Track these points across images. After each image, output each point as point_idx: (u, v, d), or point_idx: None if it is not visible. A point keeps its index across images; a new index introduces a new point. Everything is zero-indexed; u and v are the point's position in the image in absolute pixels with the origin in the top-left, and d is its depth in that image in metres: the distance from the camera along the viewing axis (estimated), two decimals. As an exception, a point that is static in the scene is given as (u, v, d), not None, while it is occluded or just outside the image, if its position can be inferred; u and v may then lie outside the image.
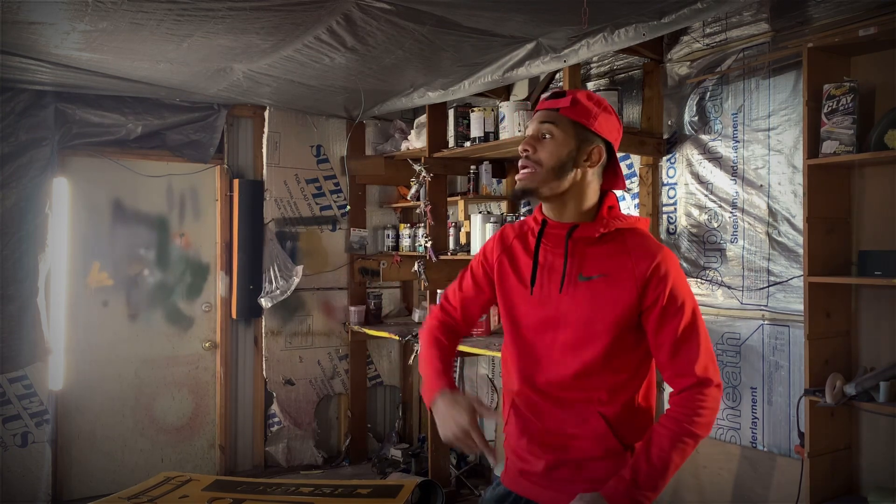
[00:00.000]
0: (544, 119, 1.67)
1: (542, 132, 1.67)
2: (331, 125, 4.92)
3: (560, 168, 1.64)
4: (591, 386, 1.66)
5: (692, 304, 1.67)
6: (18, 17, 2.79)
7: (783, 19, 2.98)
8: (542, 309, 1.71)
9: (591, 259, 1.67)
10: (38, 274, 3.97)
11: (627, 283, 1.62)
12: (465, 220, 4.32)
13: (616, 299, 1.63)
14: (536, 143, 1.67)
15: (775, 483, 2.98)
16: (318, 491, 3.36)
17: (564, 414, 1.69)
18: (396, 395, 5.28)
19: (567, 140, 1.65)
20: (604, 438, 1.66)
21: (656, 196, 3.51)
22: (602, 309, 1.63)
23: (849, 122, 2.54)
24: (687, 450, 1.60)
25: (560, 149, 1.65)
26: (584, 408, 1.67)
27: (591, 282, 1.65)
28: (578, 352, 1.66)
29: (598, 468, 1.66)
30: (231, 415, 4.66)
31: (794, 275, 2.95)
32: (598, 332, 1.64)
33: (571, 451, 1.69)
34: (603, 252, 1.67)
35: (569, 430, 1.69)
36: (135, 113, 4.27)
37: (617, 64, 3.71)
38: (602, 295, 1.64)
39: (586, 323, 1.65)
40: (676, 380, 1.64)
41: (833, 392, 2.53)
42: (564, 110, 1.65)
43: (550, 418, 1.71)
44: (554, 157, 1.64)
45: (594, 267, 1.66)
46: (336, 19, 2.89)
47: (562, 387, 1.68)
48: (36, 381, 4.09)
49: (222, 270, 4.62)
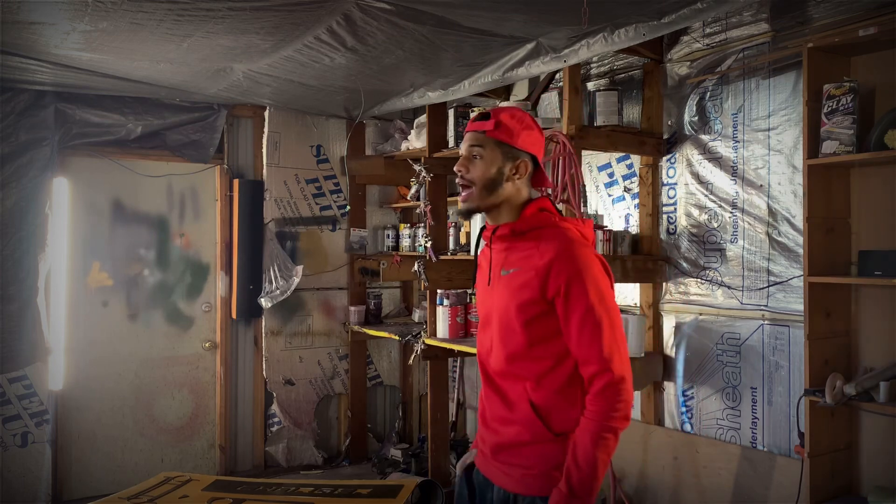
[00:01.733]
0: (473, 142, 1.84)
1: (473, 154, 1.84)
2: (331, 125, 4.92)
3: (491, 184, 1.82)
4: (519, 373, 1.81)
5: (598, 295, 1.73)
6: (18, 17, 2.79)
7: (783, 19, 2.98)
8: (484, 303, 1.93)
9: (511, 255, 1.84)
10: (38, 274, 3.97)
11: (530, 274, 1.76)
12: (464, 220, 4.32)
13: (521, 289, 1.77)
14: (468, 164, 1.84)
15: (775, 483, 2.98)
16: (318, 491, 3.37)
17: (501, 400, 1.85)
18: (396, 395, 5.28)
19: (495, 159, 1.82)
20: (532, 424, 1.78)
21: (656, 196, 3.51)
22: (513, 299, 1.79)
23: (849, 122, 2.54)
24: (609, 444, 1.69)
25: (489, 168, 1.82)
26: (515, 394, 1.82)
27: (508, 275, 1.82)
28: (504, 341, 1.82)
29: (528, 453, 1.79)
30: (231, 415, 4.66)
31: (794, 275, 2.95)
32: (512, 321, 1.79)
33: (506, 435, 1.83)
34: (522, 248, 1.83)
35: (505, 414, 1.84)
36: (135, 113, 4.27)
37: (617, 64, 3.71)
38: (512, 286, 1.80)
39: (504, 313, 1.81)
40: (583, 367, 1.74)
41: (833, 392, 2.53)
42: (490, 132, 1.82)
43: (493, 404, 1.88)
44: (485, 176, 1.82)
45: (512, 262, 1.83)
46: (336, 19, 2.89)
47: (500, 374, 1.86)
48: (36, 381, 4.09)
49: (222, 270, 4.62)
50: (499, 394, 1.86)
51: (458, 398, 4.86)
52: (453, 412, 4.72)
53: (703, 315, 3.33)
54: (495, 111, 1.85)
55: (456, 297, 4.06)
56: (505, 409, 1.84)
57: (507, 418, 1.83)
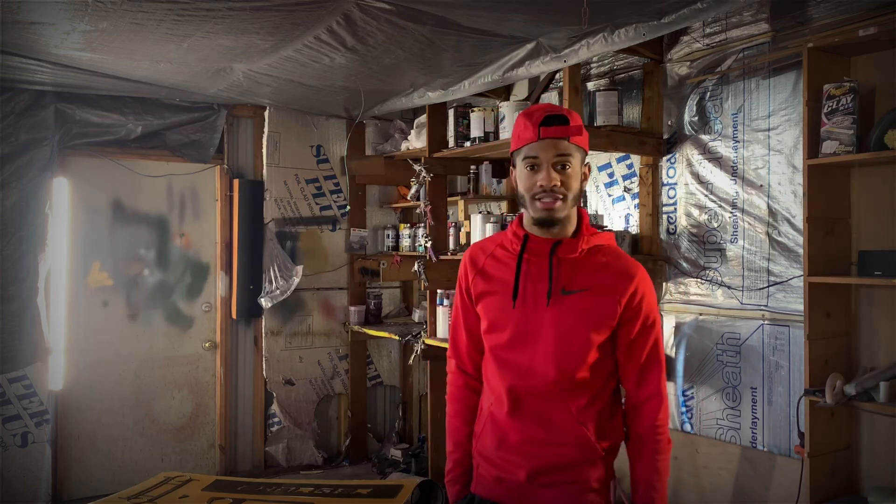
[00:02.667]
0: (560, 151, 1.66)
1: (563, 164, 1.67)
2: (331, 125, 4.92)
3: (578, 195, 1.71)
4: (571, 395, 1.74)
5: (659, 321, 1.80)
6: (18, 17, 2.79)
7: (783, 19, 2.98)
8: (526, 321, 1.74)
9: (573, 273, 1.73)
10: (38, 274, 3.97)
11: (608, 298, 1.71)
12: (465, 220, 4.32)
13: (598, 312, 1.72)
14: (562, 176, 1.67)
15: (775, 483, 2.98)
16: (317, 491, 3.36)
17: (539, 423, 1.75)
18: (396, 395, 5.28)
19: (579, 166, 1.70)
20: (583, 444, 1.74)
21: (656, 196, 3.51)
22: (586, 320, 1.71)
23: (849, 122, 2.53)
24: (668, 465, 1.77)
25: (576, 178, 1.70)
26: (560, 415, 1.74)
27: (574, 295, 1.72)
28: (561, 362, 1.72)
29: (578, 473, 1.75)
30: (231, 415, 4.66)
31: (794, 275, 2.95)
32: (580, 342, 1.72)
33: (550, 458, 1.75)
34: (582, 267, 1.74)
35: (544, 437, 1.75)
36: (135, 113, 4.27)
37: (617, 64, 3.70)
38: (584, 308, 1.72)
39: (568, 334, 1.72)
40: (637, 390, 1.78)
41: (833, 392, 2.53)
42: (574, 138, 1.66)
43: (528, 427, 1.76)
44: (576, 186, 1.69)
45: (577, 282, 1.73)
46: (336, 19, 2.89)
47: (541, 396, 1.74)
48: (36, 381, 4.09)
49: (222, 270, 4.63)
50: (535, 416, 1.75)
51: (458, 398, 4.85)
52: (453, 412, 4.71)
53: (703, 315, 3.33)
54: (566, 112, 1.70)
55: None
56: (544, 431, 1.74)
57: (548, 440, 1.74)
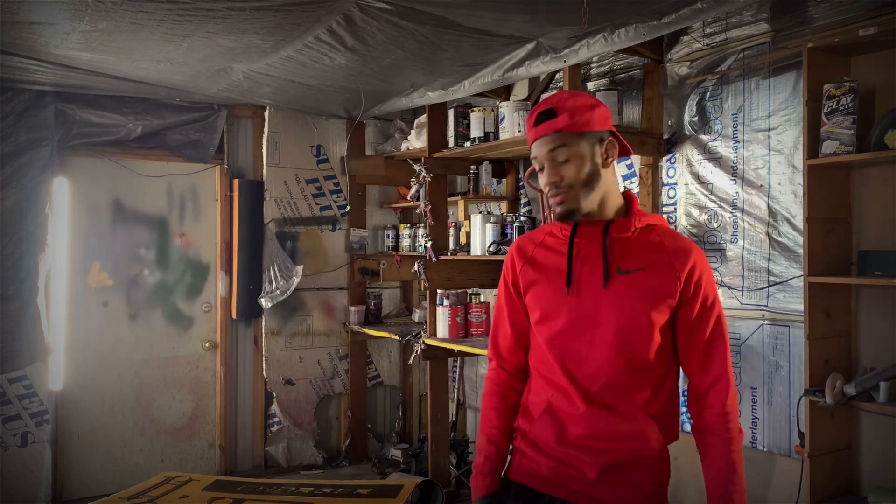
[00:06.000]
0: (552, 145, 1.64)
1: (558, 158, 1.64)
2: (331, 125, 4.92)
3: (590, 179, 1.65)
4: (635, 384, 1.66)
5: (720, 301, 1.71)
6: (18, 17, 2.79)
7: (783, 19, 2.98)
8: (582, 307, 1.68)
9: (627, 253, 1.67)
10: (38, 274, 3.97)
11: (667, 276, 1.64)
12: (465, 220, 4.32)
13: (657, 291, 1.64)
14: (560, 170, 1.65)
15: (775, 483, 2.97)
16: (318, 491, 3.36)
17: (608, 415, 1.67)
18: (396, 395, 5.28)
19: (583, 153, 1.64)
20: (650, 437, 1.67)
21: (656, 196, 3.51)
22: (644, 301, 1.64)
23: (849, 122, 2.53)
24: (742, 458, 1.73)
25: (582, 165, 1.64)
26: (627, 407, 1.66)
27: (631, 275, 1.65)
28: (624, 349, 1.64)
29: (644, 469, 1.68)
30: (231, 415, 4.66)
31: (794, 275, 2.95)
32: (642, 324, 1.64)
33: (621, 452, 1.67)
34: (637, 246, 1.68)
35: (615, 430, 1.66)
36: (135, 113, 4.27)
37: (617, 64, 3.70)
38: (643, 287, 1.64)
39: (629, 316, 1.64)
40: (701, 375, 1.68)
41: (833, 392, 2.53)
42: (566, 128, 1.63)
43: (596, 420, 1.67)
44: (581, 174, 1.64)
45: (631, 261, 1.66)
46: (336, 19, 2.89)
47: (605, 387, 1.66)
48: (36, 381, 4.09)
49: (222, 270, 4.63)
50: (603, 408, 1.66)
51: (458, 398, 4.85)
52: (453, 412, 4.72)
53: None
54: (557, 103, 1.66)
55: (456, 297, 4.06)
56: (614, 424, 1.66)
57: (618, 434, 1.66)
